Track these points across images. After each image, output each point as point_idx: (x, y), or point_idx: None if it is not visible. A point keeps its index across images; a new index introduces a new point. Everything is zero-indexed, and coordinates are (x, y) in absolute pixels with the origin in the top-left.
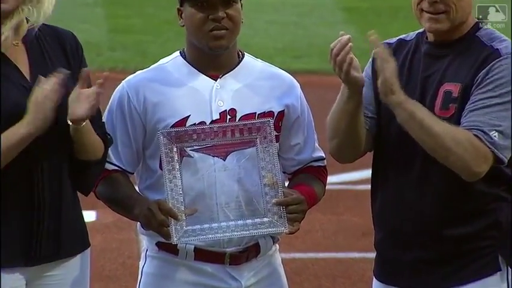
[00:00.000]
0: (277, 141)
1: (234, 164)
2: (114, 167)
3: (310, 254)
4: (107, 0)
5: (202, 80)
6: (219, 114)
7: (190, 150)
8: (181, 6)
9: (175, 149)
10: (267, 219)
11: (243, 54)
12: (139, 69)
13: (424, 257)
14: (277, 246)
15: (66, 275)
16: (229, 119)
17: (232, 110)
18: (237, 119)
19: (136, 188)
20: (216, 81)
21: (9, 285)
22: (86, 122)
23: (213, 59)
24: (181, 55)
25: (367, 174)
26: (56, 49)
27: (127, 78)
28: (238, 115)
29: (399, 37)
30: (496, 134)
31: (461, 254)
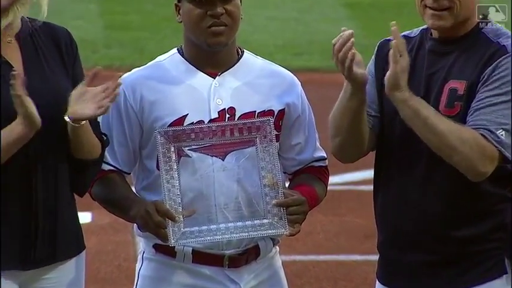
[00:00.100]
0: (277, 140)
1: (233, 164)
2: (110, 167)
3: (311, 257)
4: None
5: (201, 78)
6: (218, 113)
7: (188, 149)
8: (179, 2)
9: (172, 148)
10: (267, 221)
11: (243, 51)
12: (135, 66)
13: (428, 259)
14: (277, 248)
15: (61, 278)
16: (228, 117)
17: (231, 109)
18: (236, 118)
19: (133, 189)
20: (214, 79)
21: None
22: (86, 121)
23: (211, 56)
24: (179, 52)
25: (370, 174)
26: (50, 46)
27: (123, 76)
28: (238, 114)
29: (403, 33)
30: (502, 132)
31: (466, 257)
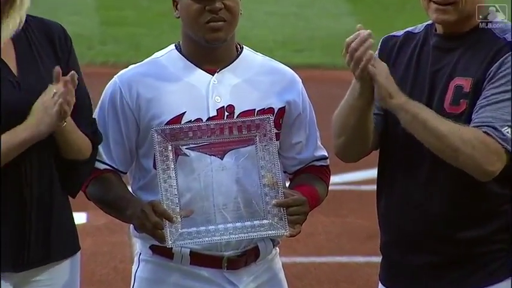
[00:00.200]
0: (277, 139)
1: (232, 163)
2: (106, 166)
3: (312, 258)
4: None
5: (199, 75)
6: (216, 110)
7: (186, 148)
8: None
9: (170, 147)
10: (266, 221)
11: (242, 48)
12: (132, 63)
13: (432, 261)
14: (277, 249)
15: (55, 280)
16: (227, 115)
17: (230, 107)
18: (235, 116)
19: (129, 189)
20: (213, 75)
21: None
22: (68, 122)
23: (210, 53)
24: (176, 48)
25: (372, 174)
26: (44, 42)
27: (119, 73)
28: (237, 112)
29: (406, 29)
30: (508, 129)
31: (471, 258)
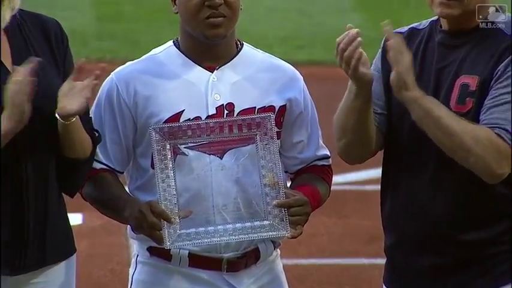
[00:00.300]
0: (278, 138)
1: (232, 163)
2: (102, 165)
3: (314, 260)
4: None
5: (198, 72)
6: (216, 108)
7: (185, 147)
8: None
9: (168, 146)
10: (267, 222)
11: (242, 44)
12: (129, 60)
13: (437, 263)
14: (278, 251)
15: (51, 283)
16: (227, 114)
17: (230, 105)
18: (235, 114)
19: (127, 189)
20: (212, 73)
21: None
22: (76, 118)
23: (209, 49)
24: (174, 45)
25: (375, 173)
26: (39, 38)
27: (116, 70)
28: (237, 110)
29: (411, 25)
30: None
31: (477, 261)
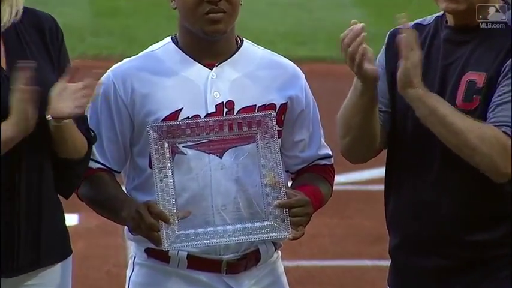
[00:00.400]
0: (279, 137)
1: (232, 162)
2: (99, 165)
3: (316, 262)
4: None
5: (197, 69)
6: (215, 106)
7: (183, 146)
8: None
9: (166, 145)
10: (268, 223)
11: (242, 40)
12: (126, 56)
13: (444, 264)
14: (279, 253)
15: (45, 285)
16: (227, 112)
17: (230, 102)
18: (235, 112)
19: (124, 189)
20: (211, 70)
21: None
22: (69, 119)
23: (208, 46)
24: (173, 41)
25: (379, 173)
26: (34, 34)
27: (113, 67)
28: (236, 108)
29: (415, 21)
30: None
31: (483, 262)
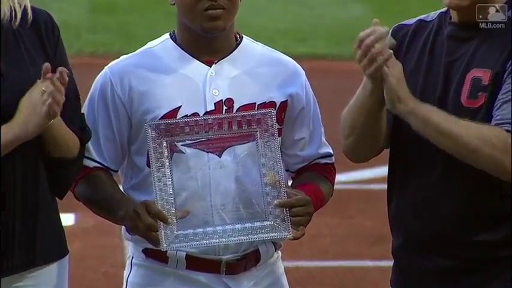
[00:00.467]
0: (279, 135)
1: (231, 161)
2: (96, 164)
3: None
4: None
5: (195, 66)
6: (214, 104)
7: (182, 145)
8: None
9: (164, 143)
10: (268, 223)
11: (241, 37)
12: (123, 53)
13: (449, 265)
14: (279, 253)
15: (41, 286)
16: (226, 110)
17: (229, 100)
18: (234, 110)
19: (121, 188)
20: (210, 67)
21: None
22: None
23: (207, 43)
24: (171, 38)
25: (381, 172)
26: (29, 31)
27: (110, 64)
28: (236, 106)
29: (418, 18)
30: None
31: (489, 263)
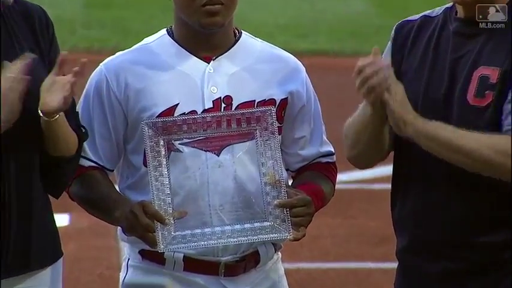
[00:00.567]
0: (279, 133)
1: (230, 160)
2: (91, 163)
3: (318, 264)
4: None
5: (193, 63)
6: (212, 102)
7: (180, 143)
8: None
9: (162, 142)
10: (268, 224)
11: (240, 33)
12: (119, 49)
13: (454, 268)
14: (279, 254)
15: None
16: (224, 107)
17: (228, 98)
18: (233, 108)
19: (117, 188)
20: (208, 63)
21: None
22: (60, 114)
23: (205, 39)
24: (168, 34)
25: (383, 171)
26: (23, 26)
27: (105, 61)
28: (235, 103)
29: (423, 13)
30: None
31: (495, 266)
